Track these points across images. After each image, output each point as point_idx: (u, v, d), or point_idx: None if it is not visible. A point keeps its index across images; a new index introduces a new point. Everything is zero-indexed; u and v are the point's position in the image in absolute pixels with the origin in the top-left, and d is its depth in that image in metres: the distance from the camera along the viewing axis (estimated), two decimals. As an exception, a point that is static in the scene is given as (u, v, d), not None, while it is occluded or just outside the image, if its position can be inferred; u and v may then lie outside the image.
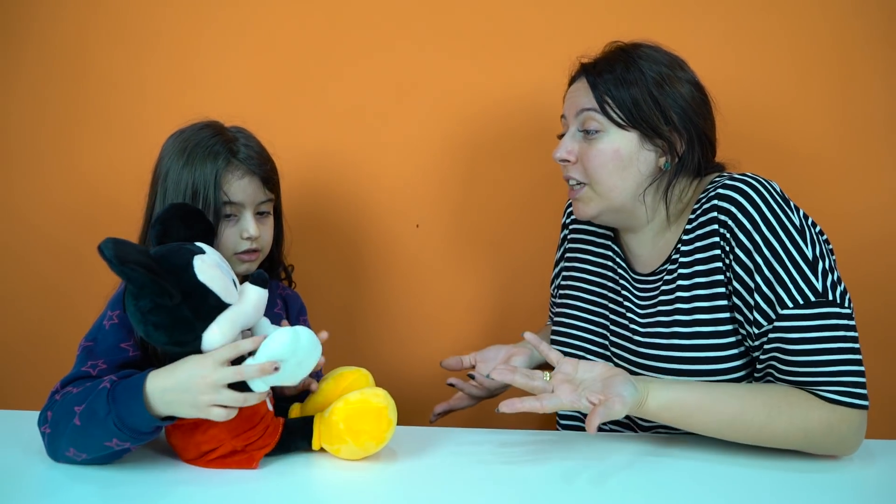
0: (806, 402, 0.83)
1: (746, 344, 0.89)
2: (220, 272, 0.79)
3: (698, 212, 0.92)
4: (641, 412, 0.83)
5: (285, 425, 0.86)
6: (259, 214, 0.98)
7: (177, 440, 0.83)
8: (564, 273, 1.13)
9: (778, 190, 0.87)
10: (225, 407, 0.76)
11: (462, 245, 1.41)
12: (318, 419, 0.85)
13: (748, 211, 0.86)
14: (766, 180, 0.88)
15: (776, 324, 0.83)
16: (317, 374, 0.94)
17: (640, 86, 0.91)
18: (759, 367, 0.88)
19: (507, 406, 0.79)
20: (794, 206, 0.88)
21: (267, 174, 0.99)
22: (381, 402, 0.83)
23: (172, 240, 0.82)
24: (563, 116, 1.00)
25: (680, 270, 0.93)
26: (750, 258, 0.85)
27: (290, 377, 0.80)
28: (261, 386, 0.77)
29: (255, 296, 0.81)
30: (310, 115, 1.39)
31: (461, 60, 1.35)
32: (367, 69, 1.37)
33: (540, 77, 1.30)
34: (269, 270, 1.06)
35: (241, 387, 0.76)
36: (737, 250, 0.86)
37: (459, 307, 1.41)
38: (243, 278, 0.93)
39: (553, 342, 1.08)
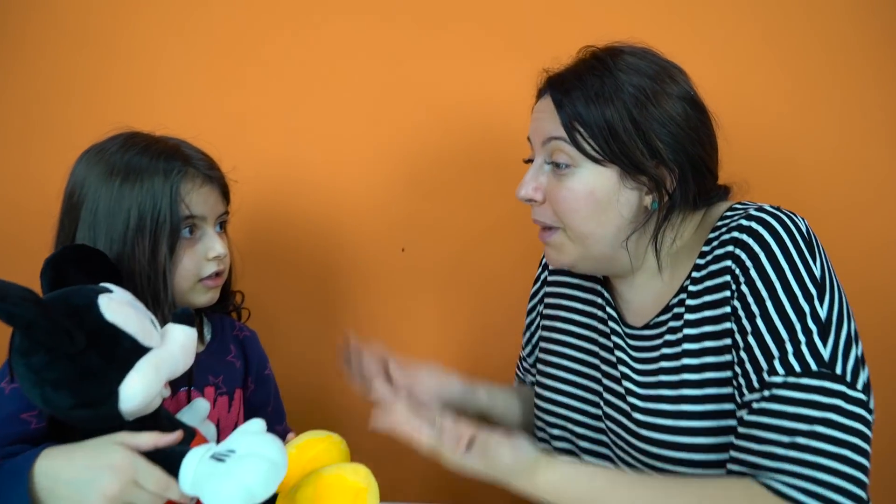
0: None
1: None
2: (134, 310, 0.67)
3: (714, 245, 0.75)
4: (532, 483, 0.68)
5: None
6: (219, 230, 0.88)
7: None
8: (546, 324, 0.95)
9: (806, 230, 0.72)
10: None
11: (457, 274, 1.26)
12: (281, 498, 0.71)
13: (770, 247, 0.70)
14: (795, 216, 0.73)
15: (762, 392, 0.66)
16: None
17: (616, 106, 0.74)
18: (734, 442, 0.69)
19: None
20: (822, 251, 0.72)
21: (223, 181, 0.89)
22: (359, 481, 0.69)
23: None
24: (528, 139, 0.83)
25: (687, 317, 0.76)
26: (756, 298, 0.69)
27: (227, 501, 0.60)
28: (187, 485, 0.61)
29: (183, 336, 0.69)
30: (271, 120, 1.26)
31: (453, 61, 1.23)
32: (343, 70, 1.25)
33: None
34: (220, 302, 0.93)
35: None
36: (743, 286, 0.70)
37: (452, 351, 1.26)
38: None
39: (538, 416, 0.92)
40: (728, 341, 0.72)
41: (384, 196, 1.27)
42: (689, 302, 0.76)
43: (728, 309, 0.72)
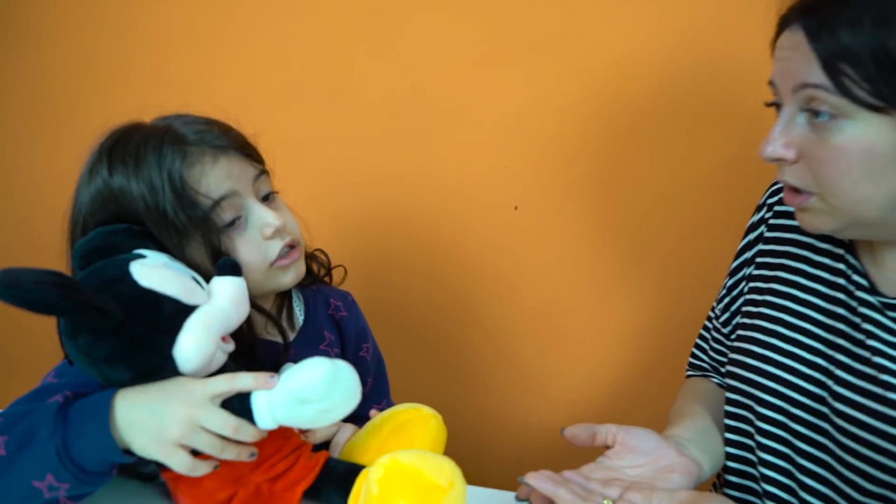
0: None
1: None
2: (171, 271, 0.60)
3: None
4: None
5: (327, 463, 0.64)
6: (263, 200, 0.73)
7: (182, 493, 0.63)
8: (753, 286, 0.77)
9: None
10: (195, 455, 0.56)
11: (588, 239, 1.09)
12: (364, 477, 0.61)
13: None
14: None
15: None
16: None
17: None
18: None
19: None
20: None
21: (241, 142, 0.72)
22: (439, 480, 0.55)
23: None
24: (771, 83, 0.65)
25: None
26: None
27: (311, 422, 0.59)
28: (266, 420, 0.57)
29: (230, 288, 0.61)
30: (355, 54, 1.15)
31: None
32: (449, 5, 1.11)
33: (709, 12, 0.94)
34: (307, 273, 0.81)
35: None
36: None
37: (590, 331, 1.09)
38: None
39: (735, 410, 0.73)
40: None
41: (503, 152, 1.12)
42: None
43: None
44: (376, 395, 0.91)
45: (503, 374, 1.15)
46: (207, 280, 0.64)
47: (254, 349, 0.72)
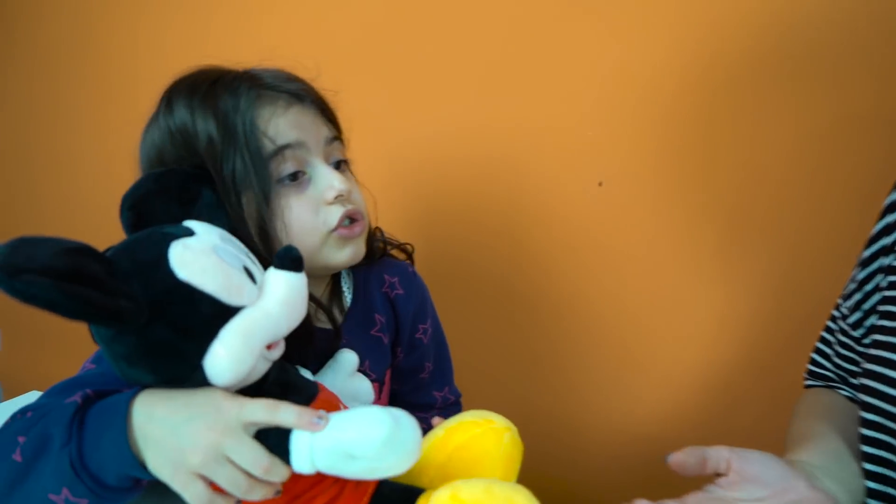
0: None
1: None
2: (217, 259, 0.50)
3: None
4: None
5: (378, 490, 0.55)
6: (334, 167, 0.67)
7: None
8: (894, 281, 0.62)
9: None
10: (214, 490, 0.48)
11: (684, 219, 0.95)
12: (424, 500, 0.53)
13: None
14: None
15: None
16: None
17: None
18: None
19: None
20: None
21: (319, 99, 0.67)
22: None
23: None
24: None
25: None
26: None
27: (356, 476, 0.49)
28: (304, 465, 0.48)
29: (284, 288, 0.51)
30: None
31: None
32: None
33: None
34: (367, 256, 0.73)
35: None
36: None
37: (685, 326, 0.95)
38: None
39: (870, 424, 0.60)
40: None
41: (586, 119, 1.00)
42: None
43: None
44: (437, 380, 0.83)
45: (582, 373, 1.04)
46: (261, 259, 0.55)
47: (311, 338, 0.65)
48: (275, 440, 0.48)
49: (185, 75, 0.65)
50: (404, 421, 0.49)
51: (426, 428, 0.73)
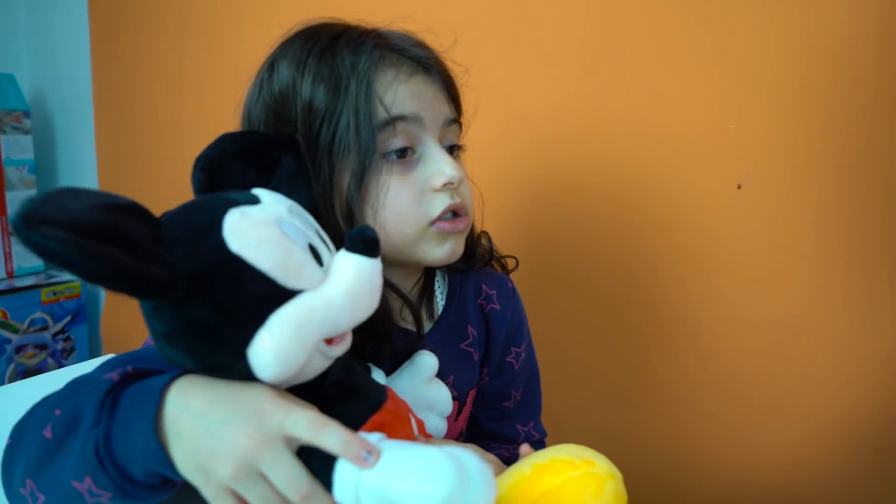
0: None
1: None
2: (278, 232, 0.42)
3: None
4: None
5: None
6: (447, 151, 0.59)
7: None
8: None
9: None
10: None
11: (837, 230, 0.79)
12: None
13: None
14: None
15: None
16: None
17: None
18: None
19: None
20: None
21: (446, 74, 0.60)
22: None
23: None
24: None
25: None
26: None
27: None
28: (347, 498, 0.40)
29: (353, 273, 0.43)
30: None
31: None
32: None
33: None
34: (465, 258, 0.66)
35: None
36: None
37: (833, 355, 0.79)
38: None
39: None
40: None
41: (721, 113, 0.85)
42: None
43: None
44: (523, 413, 0.74)
45: (705, 405, 0.88)
46: (338, 242, 0.47)
47: (389, 337, 0.58)
48: (320, 462, 0.40)
49: (304, 28, 0.60)
50: (474, 474, 0.39)
51: (509, 458, 0.62)
